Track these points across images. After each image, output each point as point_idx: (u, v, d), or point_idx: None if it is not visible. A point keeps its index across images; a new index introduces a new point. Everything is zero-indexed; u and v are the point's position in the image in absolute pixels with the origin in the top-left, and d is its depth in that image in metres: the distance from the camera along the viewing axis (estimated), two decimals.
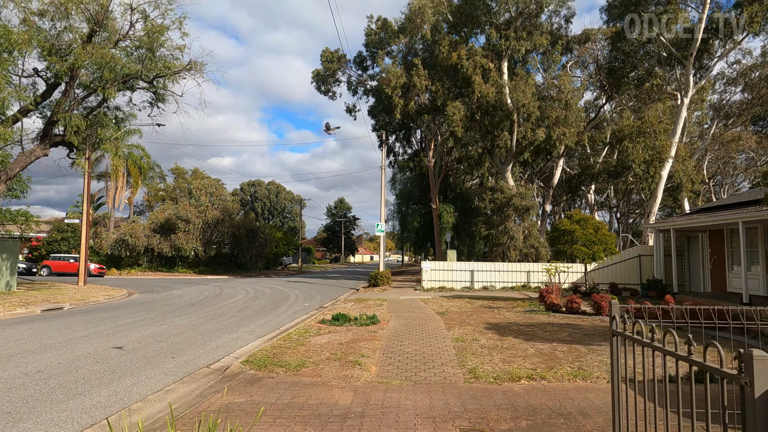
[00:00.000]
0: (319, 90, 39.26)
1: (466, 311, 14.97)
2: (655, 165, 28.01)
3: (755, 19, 25.90)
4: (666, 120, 29.61)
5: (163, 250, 38.15)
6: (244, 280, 32.69)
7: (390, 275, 26.71)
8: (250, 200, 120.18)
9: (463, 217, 38.61)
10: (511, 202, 26.56)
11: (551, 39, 28.49)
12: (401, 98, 28.79)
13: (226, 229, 39.40)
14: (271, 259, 51.25)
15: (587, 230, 16.91)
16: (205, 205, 38.84)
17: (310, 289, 25.16)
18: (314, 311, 15.84)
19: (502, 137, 26.74)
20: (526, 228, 26.72)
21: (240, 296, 20.87)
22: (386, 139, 34.51)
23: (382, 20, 35.91)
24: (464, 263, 25.18)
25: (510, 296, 20.30)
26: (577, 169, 39.42)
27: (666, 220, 21.06)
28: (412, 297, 20.23)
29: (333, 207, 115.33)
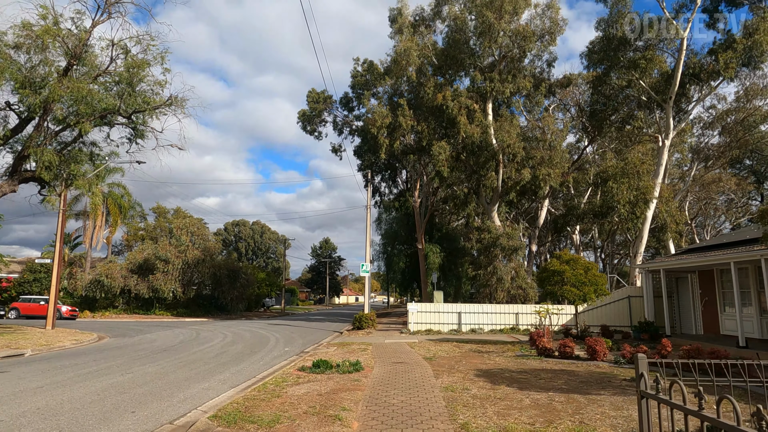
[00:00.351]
0: (305, 130, 39.33)
1: (455, 356, 14.25)
2: (640, 206, 28.07)
3: (730, 65, 26.70)
4: (649, 161, 29.97)
5: (141, 291, 36.80)
6: (224, 323, 31.45)
7: (375, 318, 25.86)
8: (234, 240, 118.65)
9: (449, 258, 38.13)
10: (498, 242, 26.21)
11: (534, 82, 28.99)
12: (387, 138, 28.78)
13: (206, 269, 38.29)
14: (252, 301, 49.85)
15: (577, 271, 16.51)
16: (186, 244, 37.85)
17: (292, 333, 24.15)
18: (294, 357, 14.96)
19: (488, 177, 26.68)
20: (513, 268, 26.29)
21: (217, 340, 19.83)
22: (371, 179, 34.35)
23: (368, 63, 36.46)
24: (451, 305, 24.51)
25: (499, 339, 19.60)
26: (562, 210, 39.51)
27: (655, 260, 20.82)
28: (398, 341, 19.42)
29: (318, 247, 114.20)
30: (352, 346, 17.40)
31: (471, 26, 27.99)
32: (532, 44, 26.29)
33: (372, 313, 25.66)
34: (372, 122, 28.99)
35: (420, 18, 30.98)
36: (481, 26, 26.23)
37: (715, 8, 30.30)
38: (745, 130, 38.19)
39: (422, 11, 30.71)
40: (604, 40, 29.97)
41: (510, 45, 27.37)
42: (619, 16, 28.39)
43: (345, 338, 21.02)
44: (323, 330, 26.37)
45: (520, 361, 13.17)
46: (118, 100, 14.42)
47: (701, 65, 28.47)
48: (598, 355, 12.40)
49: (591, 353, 12.56)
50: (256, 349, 17.07)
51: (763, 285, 14.75)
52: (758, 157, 45.62)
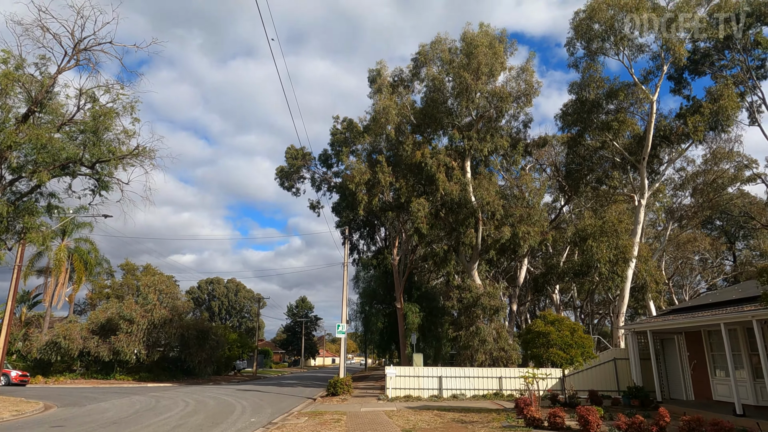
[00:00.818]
0: (283, 186, 38.88)
1: (436, 428, 13.07)
2: (620, 264, 27.84)
3: (699, 128, 27.54)
4: (626, 220, 30.11)
5: (101, 353, 34.36)
6: (189, 389, 29.30)
7: (351, 382, 24.35)
8: (207, 299, 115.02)
9: (429, 318, 37.00)
10: (479, 302, 25.40)
11: (511, 141, 29.36)
12: (365, 194, 28.41)
13: (174, 330, 36.19)
14: (222, 364, 47.20)
15: (563, 332, 15.75)
16: (153, 303, 35.92)
17: (261, 400, 22.42)
18: (261, 430, 13.56)
19: (468, 234, 26.27)
20: (495, 329, 25.35)
21: (177, 410, 18.12)
22: (349, 236, 33.66)
23: (347, 121, 36.77)
24: (432, 369, 23.26)
25: (483, 407, 18.38)
26: (542, 269, 39.19)
27: (641, 321, 20.24)
28: (375, 409, 18.03)
29: (294, 306, 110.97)
30: (324, 416, 16.00)
31: (449, 87, 28.53)
32: (508, 105, 26.79)
33: (347, 378, 24.16)
34: (350, 178, 28.69)
35: (399, 79, 31.57)
36: (459, 87, 26.71)
37: (679, 75, 31.79)
38: (715, 192, 39.15)
39: (401, 72, 31.34)
40: (577, 103, 30.86)
41: (487, 105, 27.86)
42: (591, 80, 29.38)
43: (318, 406, 19.50)
44: (295, 396, 24.63)
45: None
46: (82, 149, 13.69)
47: (671, 128, 29.35)
48: (591, 426, 11.43)
49: (583, 424, 11.59)
50: (219, 420, 15.53)
51: (755, 347, 14.18)
52: (727, 218, 46.69)
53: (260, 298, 59.40)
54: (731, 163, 39.93)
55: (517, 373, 23.14)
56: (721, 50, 31.11)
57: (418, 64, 30.42)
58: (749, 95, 31.66)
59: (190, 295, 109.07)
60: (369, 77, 31.97)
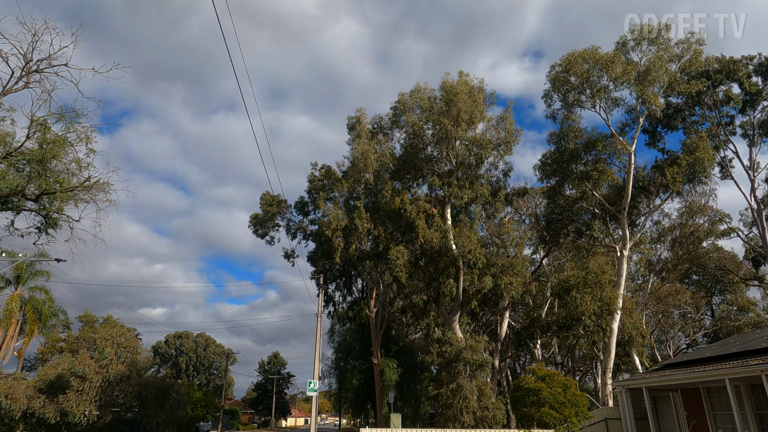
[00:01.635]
0: (257, 233, 37.43)
1: None
2: (605, 317, 26.90)
3: (677, 179, 27.61)
4: (609, 271, 29.45)
5: (46, 414, 31.04)
6: None
7: None
8: (175, 354, 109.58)
9: (407, 374, 35.01)
10: (462, 356, 23.88)
11: (492, 190, 28.90)
12: (342, 241, 27.23)
13: (131, 387, 33.16)
14: (184, 426, 43.54)
15: (555, 389, 14.42)
16: (109, 358, 33.08)
17: None
18: None
19: (448, 284, 25.09)
20: (478, 386, 23.71)
21: None
22: (325, 285, 32.14)
23: (325, 168, 36.07)
24: (411, 431, 21.36)
25: None
26: (524, 322, 37.98)
27: (637, 377, 19.01)
28: None
29: (266, 362, 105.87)
30: None
31: (428, 134, 28.21)
32: (488, 152, 26.48)
33: None
34: (327, 224, 27.57)
35: (378, 126, 31.29)
36: (439, 134, 26.40)
37: (654, 129, 32.37)
38: (692, 244, 39.24)
39: (380, 120, 31.10)
40: (556, 153, 30.88)
41: (467, 153, 27.52)
42: (569, 130, 29.52)
43: None
44: None
45: None
46: (26, 180, 12.35)
47: (650, 179, 29.41)
48: None
49: None
50: None
51: (761, 405, 13.08)
52: (704, 273, 46.74)
53: (229, 352, 56.14)
54: (705, 218, 40.37)
55: None
56: (692, 106, 31.92)
57: (397, 112, 30.24)
58: (722, 149, 32.32)
59: (156, 350, 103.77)
60: (348, 124, 31.63)
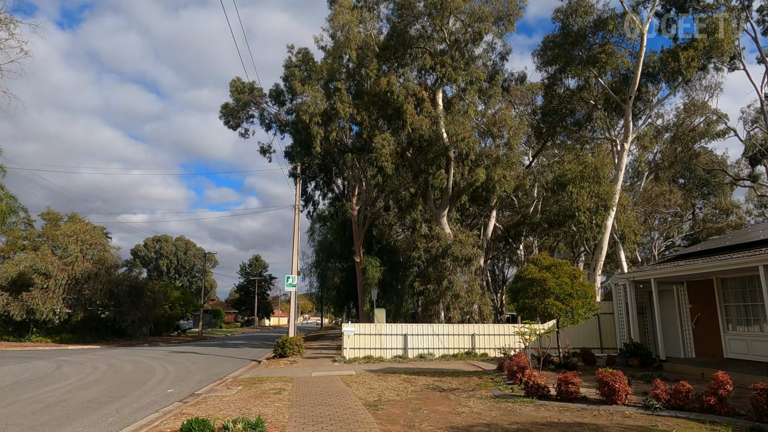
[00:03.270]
0: (228, 125, 34.21)
1: (409, 399, 9.96)
2: (600, 213, 25.45)
3: (692, 63, 24.96)
4: (608, 165, 27.58)
5: (12, 312, 29.57)
6: (114, 351, 25.33)
7: (302, 342, 21.09)
8: (155, 257, 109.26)
9: (390, 273, 34.08)
10: (450, 251, 22.40)
11: (488, 74, 25.94)
12: (321, 129, 24.44)
13: (101, 285, 31.60)
14: (163, 324, 43.06)
15: (561, 279, 12.84)
16: (74, 255, 31.11)
17: (194, 363, 18.87)
18: (174, 406, 10.07)
19: (438, 175, 22.96)
20: (467, 282, 22.54)
21: (75, 378, 14.31)
22: (302, 174, 29.84)
23: (303, 52, 32.17)
24: (396, 326, 20.26)
25: (457, 369, 15.54)
26: (509, 222, 36.76)
27: (644, 269, 17.72)
28: (330, 373, 14.86)
29: (247, 265, 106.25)
30: (264, 384, 12.65)
31: (420, 7, 24.49)
32: (488, 26, 23.08)
33: (298, 337, 20.86)
34: (304, 109, 24.60)
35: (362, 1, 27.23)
36: (432, 4, 22.81)
37: (666, 11, 29.00)
38: (691, 141, 37.60)
39: None
40: (559, 36, 27.66)
41: (463, 29, 24.13)
42: (579, 5, 26.10)
43: (261, 370, 16.16)
44: (238, 359, 21.21)
45: (504, 406, 9.09)
46: None
47: (660, 64, 26.65)
48: (618, 395, 8.55)
49: (606, 393, 8.69)
50: (125, 391, 11.91)
51: None
52: (690, 175, 45.77)
53: (206, 253, 54.80)
54: (702, 118, 38.57)
55: (493, 330, 20.52)
56: None
57: None
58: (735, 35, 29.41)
59: (136, 253, 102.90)
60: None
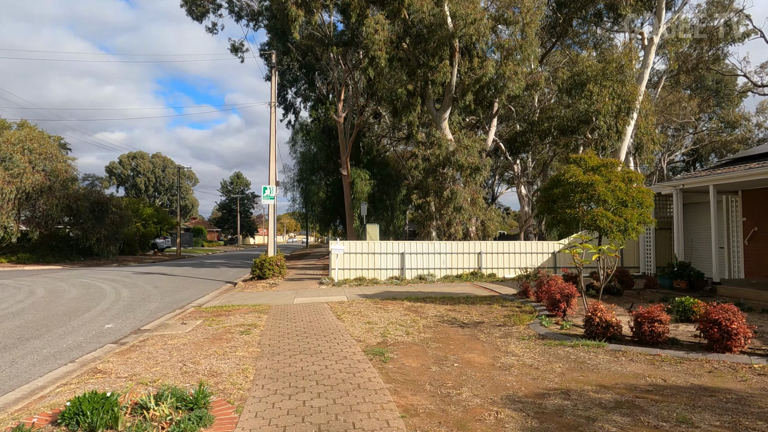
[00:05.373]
0: (192, 14, 29.06)
1: (425, 341, 7.25)
2: (623, 117, 22.27)
3: None
4: (635, 58, 23.96)
5: None
6: (72, 273, 22.53)
7: (284, 262, 18.39)
8: (132, 175, 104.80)
9: (380, 187, 31.09)
10: (454, 159, 19.29)
11: None
12: (301, 8, 20.14)
13: (56, 200, 28.16)
14: (136, 242, 40.23)
15: (614, 183, 9.89)
16: (22, 166, 27.33)
17: (156, 287, 16.14)
18: (97, 353, 7.27)
19: (442, 68, 19.24)
20: (471, 195, 19.66)
21: (4, 305, 11.46)
22: (282, 75, 25.76)
23: None
24: (391, 243, 17.57)
25: (468, 293, 13.01)
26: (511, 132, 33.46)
27: (698, 173, 14.87)
28: (316, 299, 12.20)
29: (228, 183, 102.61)
30: (232, 316, 9.90)
31: None
32: None
33: (279, 257, 18.12)
34: None
35: None
36: None
37: None
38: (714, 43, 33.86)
39: None
40: None
41: None
42: None
43: (233, 296, 13.46)
44: (210, 281, 18.56)
45: (564, 353, 6.44)
46: None
47: None
48: (734, 340, 5.88)
49: (717, 337, 6.01)
50: (49, 327, 9.07)
51: None
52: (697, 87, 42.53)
53: (179, 167, 50.92)
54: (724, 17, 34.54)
55: (503, 248, 17.98)
56: None
57: None
58: None
59: (111, 170, 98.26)
60: None
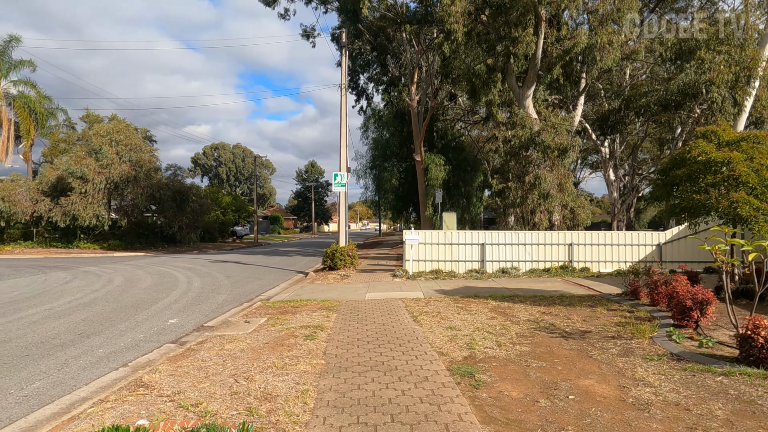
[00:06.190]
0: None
1: (522, 356, 5.88)
2: (741, 86, 19.15)
3: None
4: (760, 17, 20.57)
5: (54, 218, 28.07)
6: (153, 260, 23.20)
7: (355, 252, 17.56)
8: (215, 165, 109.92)
9: (456, 172, 29.47)
10: (539, 140, 17.40)
11: None
12: None
13: (141, 189, 29.33)
14: (217, 230, 41.54)
15: (758, 161, 7.88)
16: (110, 157, 28.65)
17: (228, 277, 15.88)
18: (153, 354, 6.63)
19: (524, 39, 17.35)
20: (559, 180, 17.70)
21: (74, 296, 11.44)
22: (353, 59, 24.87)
23: None
24: (470, 234, 16.16)
25: (561, 290, 11.38)
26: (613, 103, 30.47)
27: None
28: (390, 295, 11.15)
29: (303, 171, 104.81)
30: (299, 314, 9.05)
31: None
32: None
33: (350, 247, 17.30)
34: None
35: None
36: None
37: None
38: None
39: None
40: None
41: None
42: None
43: (303, 288, 12.75)
44: (282, 271, 18.16)
45: (718, 385, 4.84)
46: None
47: None
48: None
49: None
50: (114, 320, 8.69)
51: None
52: None
53: (255, 156, 52.04)
54: None
55: (596, 239, 15.98)
56: None
57: None
58: None
59: (196, 161, 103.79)
60: None
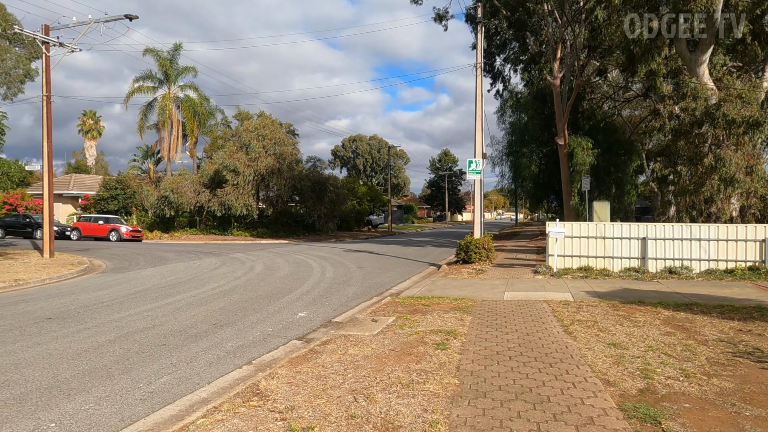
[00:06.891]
0: None
1: (722, 393, 4.30)
2: None
3: None
4: None
5: (212, 208, 31.13)
6: (294, 248, 24.34)
7: (491, 245, 16.27)
8: (352, 157, 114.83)
9: (605, 156, 26.33)
10: (718, 113, 14.33)
11: None
12: None
13: (283, 181, 31.15)
14: (352, 219, 42.82)
15: None
16: (257, 151, 30.84)
17: (360, 267, 15.75)
18: (278, 352, 6.33)
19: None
20: (747, 162, 14.44)
21: (217, 283, 12.04)
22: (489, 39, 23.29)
23: None
24: (627, 226, 13.92)
25: (757, 299, 8.99)
26: None
27: None
28: (531, 295, 9.83)
29: (437, 160, 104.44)
30: (429, 313, 8.23)
31: None
32: None
33: (486, 239, 16.07)
34: None
35: None
36: None
37: None
38: None
39: None
40: None
41: None
42: None
43: (435, 283, 11.97)
44: (414, 262, 17.64)
45: None
46: None
47: None
48: None
49: None
50: (247, 311, 8.77)
51: None
52: None
53: (389, 146, 52.64)
54: None
55: None
56: None
57: None
58: None
59: (335, 153, 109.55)
60: None
